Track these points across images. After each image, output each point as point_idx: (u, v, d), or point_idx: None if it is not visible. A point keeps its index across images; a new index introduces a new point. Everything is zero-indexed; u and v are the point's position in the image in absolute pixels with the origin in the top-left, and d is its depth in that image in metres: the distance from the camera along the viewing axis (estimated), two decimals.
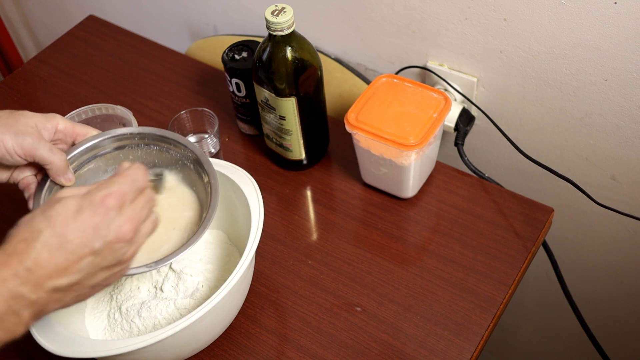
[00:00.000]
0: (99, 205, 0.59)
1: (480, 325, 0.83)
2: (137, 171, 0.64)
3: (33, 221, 0.58)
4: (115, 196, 0.60)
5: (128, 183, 0.62)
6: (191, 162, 0.80)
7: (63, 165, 0.73)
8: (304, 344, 0.83)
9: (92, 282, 0.61)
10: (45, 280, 0.57)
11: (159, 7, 1.41)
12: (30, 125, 0.71)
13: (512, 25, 0.94)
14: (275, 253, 0.93)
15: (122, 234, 0.60)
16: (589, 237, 1.12)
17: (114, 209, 0.60)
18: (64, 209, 0.58)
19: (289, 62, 0.89)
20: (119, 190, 0.61)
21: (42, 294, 0.57)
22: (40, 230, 0.57)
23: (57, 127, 0.74)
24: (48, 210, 0.59)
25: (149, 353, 0.74)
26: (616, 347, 1.21)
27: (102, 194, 0.60)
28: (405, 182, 0.93)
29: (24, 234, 0.58)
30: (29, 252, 0.56)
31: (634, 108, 0.92)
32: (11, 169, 0.75)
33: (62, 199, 0.60)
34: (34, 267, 0.56)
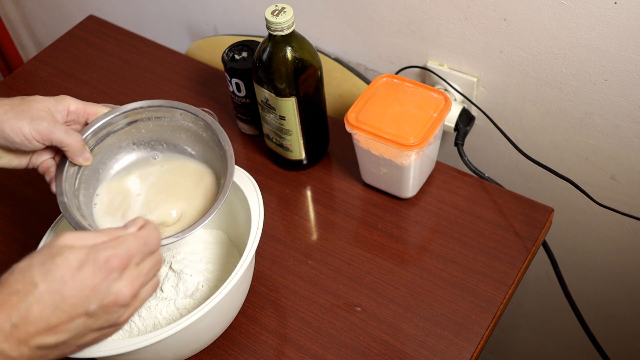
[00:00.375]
0: (102, 266, 0.55)
1: (480, 325, 0.83)
2: (150, 233, 0.61)
3: (30, 271, 0.54)
4: (121, 258, 0.57)
5: (139, 245, 0.59)
6: (204, 130, 0.81)
7: (80, 145, 0.74)
8: (304, 344, 0.83)
9: (80, 342, 0.57)
10: (32, 338, 0.53)
11: (159, 7, 1.41)
12: (43, 110, 0.72)
13: (512, 25, 0.94)
14: (275, 253, 0.93)
15: (121, 298, 0.57)
16: (589, 237, 1.12)
17: (117, 270, 0.56)
18: (64, 263, 0.54)
19: (289, 62, 0.89)
20: (126, 252, 0.57)
21: (25, 351, 0.53)
22: (35, 284, 0.53)
23: (69, 109, 0.75)
24: (48, 262, 0.54)
25: (149, 353, 0.74)
26: (616, 347, 1.21)
27: (107, 254, 0.56)
28: (405, 182, 0.93)
29: (17, 285, 0.53)
30: (19, 306, 0.52)
31: (634, 108, 0.92)
32: (29, 154, 0.76)
33: (65, 251, 0.55)
34: (21, 323, 0.52)
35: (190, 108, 0.81)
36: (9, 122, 0.70)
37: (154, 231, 0.62)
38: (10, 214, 1.02)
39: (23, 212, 1.02)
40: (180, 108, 0.81)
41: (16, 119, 0.70)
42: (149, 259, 0.60)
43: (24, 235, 0.98)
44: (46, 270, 0.54)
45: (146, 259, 0.60)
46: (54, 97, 0.74)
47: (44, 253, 0.56)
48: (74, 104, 0.75)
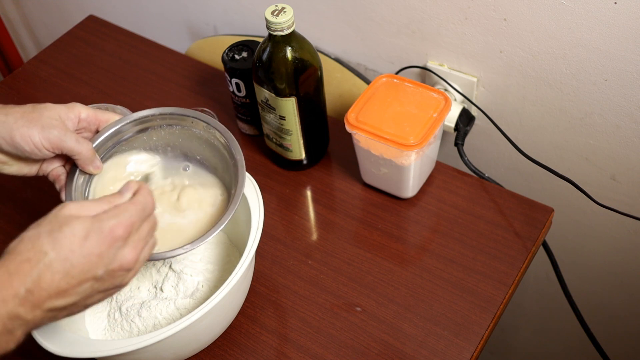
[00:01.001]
0: (107, 235, 0.59)
1: (480, 325, 0.83)
2: (146, 197, 0.64)
3: (39, 240, 0.57)
4: (124, 226, 0.60)
5: (138, 212, 0.62)
6: (215, 139, 0.81)
7: (90, 154, 0.74)
8: (304, 344, 0.83)
9: (88, 302, 0.61)
10: (44, 302, 0.57)
11: (159, 7, 1.41)
12: (54, 118, 0.72)
13: (512, 25, 0.94)
14: (275, 253, 0.93)
15: (125, 263, 0.61)
16: (589, 237, 1.12)
17: (121, 239, 0.60)
18: (71, 233, 0.58)
19: (289, 62, 0.89)
20: (128, 220, 0.61)
21: (38, 313, 0.57)
22: (45, 252, 0.57)
23: (80, 116, 0.75)
24: (55, 231, 0.58)
25: (149, 353, 0.74)
26: (616, 347, 1.21)
27: (111, 224, 0.60)
28: (405, 182, 0.93)
29: (28, 253, 0.57)
30: (32, 273, 0.56)
31: (634, 108, 0.92)
32: (39, 162, 0.76)
33: (70, 221, 0.59)
34: (34, 288, 0.56)
35: (201, 116, 0.80)
36: (20, 130, 0.70)
37: (148, 196, 0.65)
38: (10, 214, 1.02)
39: (23, 213, 1.02)
40: (192, 116, 0.81)
41: (27, 128, 0.70)
42: (147, 223, 0.64)
43: None
44: (54, 239, 0.57)
45: (144, 223, 0.63)
46: (65, 105, 0.74)
47: (50, 222, 0.59)
48: (85, 112, 0.75)
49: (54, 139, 0.71)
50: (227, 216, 0.74)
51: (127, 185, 0.65)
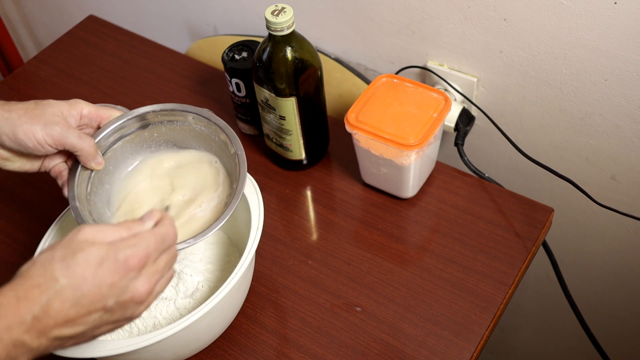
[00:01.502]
0: (121, 265, 0.57)
1: (480, 325, 0.83)
2: (167, 229, 0.62)
3: (51, 265, 0.56)
4: (140, 257, 0.59)
5: (156, 243, 0.60)
6: (216, 134, 0.81)
7: (92, 150, 0.75)
8: (304, 344, 0.83)
9: (96, 332, 0.60)
10: (51, 330, 0.55)
11: (159, 7, 1.41)
12: (56, 115, 0.72)
13: (512, 25, 0.94)
14: (275, 253, 0.93)
15: (138, 295, 0.59)
16: (589, 237, 1.12)
17: (135, 270, 0.58)
18: (85, 261, 0.56)
19: (289, 62, 0.89)
20: (145, 251, 0.59)
21: (44, 341, 0.55)
22: (57, 279, 0.55)
23: (82, 113, 0.75)
24: (69, 257, 0.56)
25: (149, 353, 0.74)
26: (616, 347, 1.21)
27: (127, 254, 0.58)
28: (405, 182, 0.93)
29: (39, 279, 0.55)
30: (41, 299, 0.54)
31: (634, 108, 0.92)
32: (41, 158, 0.76)
33: (85, 247, 0.57)
34: (42, 316, 0.54)
35: (203, 112, 0.80)
36: (23, 126, 0.70)
37: (170, 227, 0.63)
38: (10, 213, 1.02)
39: (23, 212, 1.02)
40: (193, 112, 0.81)
41: (30, 124, 0.70)
42: (165, 255, 0.62)
43: (24, 235, 0.98)
44: (67, 266, 0.56)
45: (162, 254, 0.62)
46: (67, 102, 0.75)
47: (64, 247, 0.57)
48: (86, 108, 0.76)
49: (56, 135, 0.71)
50: (228, 212, 0.74)
51: (150, 214, 0.63)
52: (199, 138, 0.83)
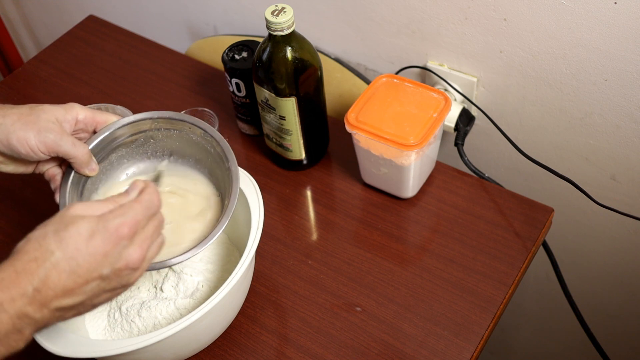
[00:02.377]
0: (112, 233, 0.59)
1: (480, 325, 0.83)
2: (151, 196, 0.64)
3: (45, 240, 0.58)
4: (129, 225, 0.60)
5: (143, 210, 0.62)
6: (212, 146, 0.80)
7: (86, 157, 0.75)
8: (304, 344, 0.83)
9: (95, 301, 0.61)
10: (51, 301, 0.57)
11: (159, 7, 1.41)
12: (51, 121, 0.72)
13: (512, 25, 0.94)
14: (275, 253, 0.93)
15: (131, 262, 0.61)
16: (589, 237, 1.12)
17: (127, 238, 0.60)
18: (77, 232, 0.58)
19: (289, 62, 0.89)
20: (133, 219, 0.61)
21: (46, 312, 0.57)
22: (52, 251, 0.57)
23: (77, 118, 0.75)
24: (61, 231, 0.58)
25: (149, 353, 0.74)
26: (616, 347, 1.21)
27: (116, 223, 0.60)
28: (405, 182, 0.93)
29: (35, 252, 0.57)
30: (38, 272, 0.56)
31: (634, 108, 0.92)
32: (35, 162, 0.76)
33: (76, 220, 0.59)
34: (42, 287, 0.56)
35: (199, 123, 0.80)
36: (17, 133, 0.70)
37: (154, 194, 0.64)
38: (10, 214, 1.02)
39: (23, 212, 1.02)
40: (189, 122, 0.80)
41: (23, 131, 0.70)
42: (152, 221, 0.63)
43: (24, 235, 0.98)
44: (60, 239, 0.58)
45: (150, 221, 0.63)
46: (63, 106, 0.74)
47: (56, 222, 0.59)
48: (82, 113, 0.75)
49: (50, 143, 0.71)
50: (218, 230, 0.74)
51: (133, 185, 0.65)
52: (195, 148, 0.82)
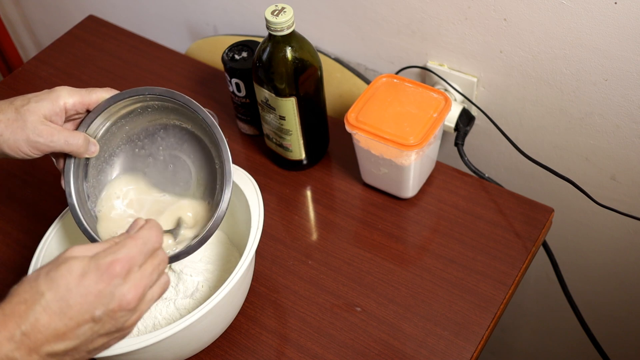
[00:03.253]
0: (104, 272, 0.56)
1: (480, 325, 0.83)
2: (149, 232, 0.60)
3: (37, 281, 0.55)
4: (122, 263, 0.57)
5: (138, 246, 0.59)
6: (203, 134, 0.80)
7: (82, 146, 0.74)
8: (304, 344, 0.83)
9: (90, 347, 0.57)
10: (42, 345, 0.53)
11: (159, 7, 1.41)
12: (39, 122, 0.70)
13: (512, 25, 0.94)
14: (275, 253, 0.93)
15: (125, 302, 0.56)
16: (589, 237, 1.12)
17: (120, 276, 0.56)
18: (68, 272, 0.55)
19: (289, 62, 0.89)
20: (126, 256, 0.57)
21: (36, 358, 0.54)
22: (42, 293, 0.54)
23: (66, 107, 0.73)
24: (52, 271, 0.55)
25: (149, 353, 0.74)
26: (616, 347, 1.21)
27: (109, 260, 0.56)
28: (405, 182, 0.93)
29: (25, 295, 0.54)
30: (27, 315, 0.53)
31: (634, 108, 0.92)
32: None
33: (68, 260, 0.56)
34: (31, 331, 0.53)
35: (191, 103, 0.77)
36: (7, 142, 0.70)
37: (153, 229, 0.61)
38: (10, 214, 1.02)
39: (23, 212, 1.02)
40: (181, 101, 0.77)
41: (13, 140, 0.70)
42: (151, 260, 0.60)
43: (24, 235, 0.98)
44: (51, 279, 0.55)
45: (148, 259, 0.60)
46: (49, 96, 0.72)
47: (50, 264, 0.56)
48: (70, 100, 0.73)
49: (41, 147, 0.71)
50: (213, 229, 0.76)
51: (134, 224, 0.62)
52: (190, 142, 0.81)
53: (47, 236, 0.82)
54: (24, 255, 0.95)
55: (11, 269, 0.95)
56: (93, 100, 0.75)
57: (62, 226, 0.83)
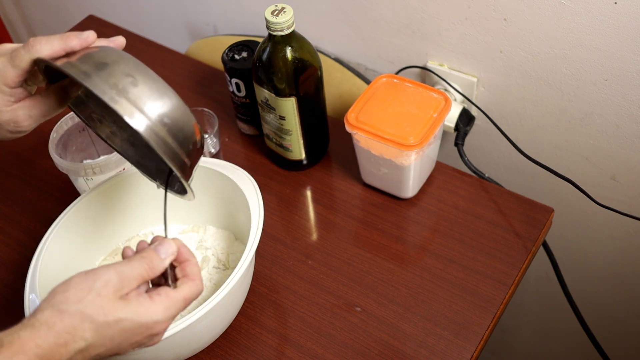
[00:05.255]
0: (146, 332, 0.60)
1: (480, 325, 0.83)
2: (194, 289, 0.63)
3: (82, 326, 0.56)
4: (165, 325, 0.61)
5: (180, 305, 0.62)
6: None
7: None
8: (304, 344, 0.83)
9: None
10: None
11: (159, 7, 1.41)
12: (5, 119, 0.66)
13: (512, 25, 0.94)
14: (275, 253, 0.93)
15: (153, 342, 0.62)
16: (589, 237, 1.12)
17: (159, 335, 0.62)
18: (115, 325, 0.57)
19: (289, 62, 0.89)
20: (168, 317, 0.61)
21: None
22: (86, 339, 0.56)
23: (10, 85, 0.65)
24: (95, 317, 0.57)
25: (149, 353, 0.74)
26: (616, 347, 1.21)
27: (152, 320, 0.59)
28: (405, 182, 0.93)
29: (66, 336, 0.55)
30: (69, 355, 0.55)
31: (634, 108, 0.92)
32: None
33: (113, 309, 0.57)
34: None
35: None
36: None
37: (197, 286, 0.63)
38: (10, 214, 1.02)
39: (23, 212, 1.02)
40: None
41: None
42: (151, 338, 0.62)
43: (24, 235, 0.98)
44: (96, 330, 0.56)
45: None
46: None
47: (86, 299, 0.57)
48: (10, 76, 0.65)
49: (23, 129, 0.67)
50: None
51: (185, 279, 0.63)
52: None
53: (47, 236, 0.82)
54: (24, 255, 0.95)
55: (11, 269, 0.95)
56: (24, 66, 0.65)
57: (62, 226, 0.83)
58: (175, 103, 0.63)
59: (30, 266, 0.79)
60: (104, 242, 0.90)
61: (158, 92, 0.62)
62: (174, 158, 0.63)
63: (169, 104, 0.63)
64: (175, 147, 0.63)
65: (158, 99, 0.62)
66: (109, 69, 0.61)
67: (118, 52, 0.65)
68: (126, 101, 0.60)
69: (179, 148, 0.63)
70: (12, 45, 0.68)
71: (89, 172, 0.88)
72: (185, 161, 0.65)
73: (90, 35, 0.65)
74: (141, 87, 0.61)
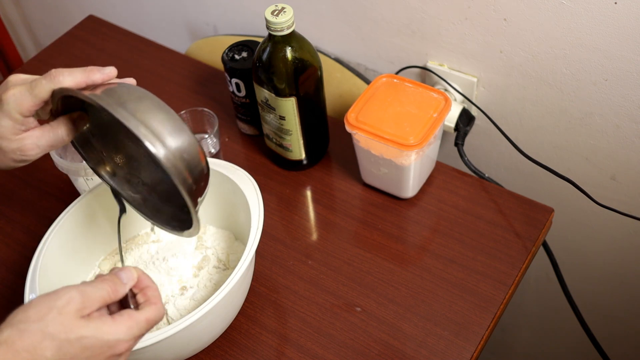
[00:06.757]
0: (108, 351, 0.59)
1: (480, 325, 0.83)
2: (155, 313, 0.63)
3: (41, 345, 0.55)
4: (129, 345, 0.60)
5: (142, 327, 0.61)
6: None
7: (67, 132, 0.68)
8: (304, 344, 0.83)
9: None
10: None
11: (159, 7, 1.41)
12: (12, 150, 0.67)
13: (512, 25, 0.94)
14: (275, 253, 0.93)
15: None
16: (589, 237, 1.12)
17: (123, 356, 0.60)
18: (77, 343, 0.56)
19: (289, 62, 0.89)
20: (132, 338, 0.60)
21: None
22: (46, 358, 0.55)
23: (23, 115, 0.67)
24: (56, 335, 0.56)
25: (149, 353, 0.74)
26: (616, 347, 1.21)
27: (114, 339, 0.59)
28: (405, 182, 0.93)
29: (28, 352, 0.54)
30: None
31: (634, 108, 0.92)
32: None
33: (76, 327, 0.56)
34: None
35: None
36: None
37: (158, 310, 0.63)
38: (10, 213, 1.02)
39: (23, 212, 1.02)
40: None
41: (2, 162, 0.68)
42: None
43: (24, 235, 0.98)
44: (58, 347, 0.55)
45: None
46: (4, 109, 0.66)
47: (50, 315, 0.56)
48: (26, 104, 0.66)
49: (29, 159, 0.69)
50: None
51: (147, 302, 0.63)
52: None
53: (47, 236, 0.82)
54: (24, 255, 0.95)
55: (11, 269, 0.95)
56: (43, 95, 0.68)
57: (62, 226, 0.83)
58: (191, 140, 0.65)
59: (30, 266, 0.79)
60: (104, 242, 0.90)
61: (178, 129, 0.64)
62: (190, 194, 0.65)
63: (187, 141, 0.64)
64: (192, 183, 0.65)
65: (178, 136, 0.64)
66: (134, 104, 0.63)
67: (139, 89, 0.67)
68: (153, 137, 0.62)
69: (193, 184, 0.65)
70: (25, 75, 0.70)
71: (89, 172, 0.88)
72: (198, 200, 0.67)
73: (112, 71, 0.69)
74: (165, 124, 0.63)
